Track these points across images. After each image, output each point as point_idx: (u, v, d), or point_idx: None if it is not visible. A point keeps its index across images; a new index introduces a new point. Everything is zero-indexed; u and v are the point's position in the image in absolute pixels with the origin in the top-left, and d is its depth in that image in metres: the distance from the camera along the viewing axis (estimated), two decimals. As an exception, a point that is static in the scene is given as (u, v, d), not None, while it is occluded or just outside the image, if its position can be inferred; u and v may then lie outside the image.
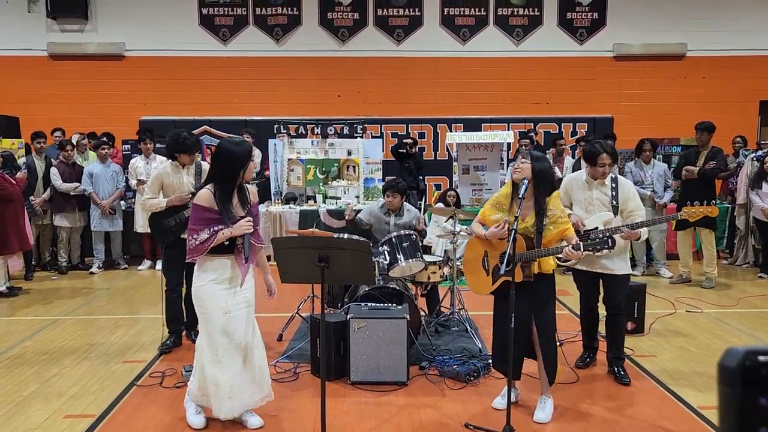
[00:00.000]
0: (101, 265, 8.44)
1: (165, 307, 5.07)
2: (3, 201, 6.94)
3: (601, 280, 4.53)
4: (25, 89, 10.99)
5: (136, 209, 8.30)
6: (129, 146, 9.18)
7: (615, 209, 4.31)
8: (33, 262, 8.18)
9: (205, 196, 3.42)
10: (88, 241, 8.57)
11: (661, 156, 9.19)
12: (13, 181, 7.18)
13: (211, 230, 3.37)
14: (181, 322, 5.19)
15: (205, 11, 11.19)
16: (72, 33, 11.10)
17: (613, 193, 4.33)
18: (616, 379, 4.43)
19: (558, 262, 4.64)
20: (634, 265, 7.78)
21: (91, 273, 8.29)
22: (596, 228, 4.25)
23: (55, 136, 9.05)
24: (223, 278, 3.46)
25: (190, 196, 4.74)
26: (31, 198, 7.91)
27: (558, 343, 5.06)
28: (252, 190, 3.66)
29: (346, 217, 5.57)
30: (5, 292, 7.03)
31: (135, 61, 11.19)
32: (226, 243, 3.43)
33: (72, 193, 8.18)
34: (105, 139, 8.94)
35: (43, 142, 8.32)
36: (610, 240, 3.64)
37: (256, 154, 9.75)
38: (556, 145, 8.70)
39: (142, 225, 7.98)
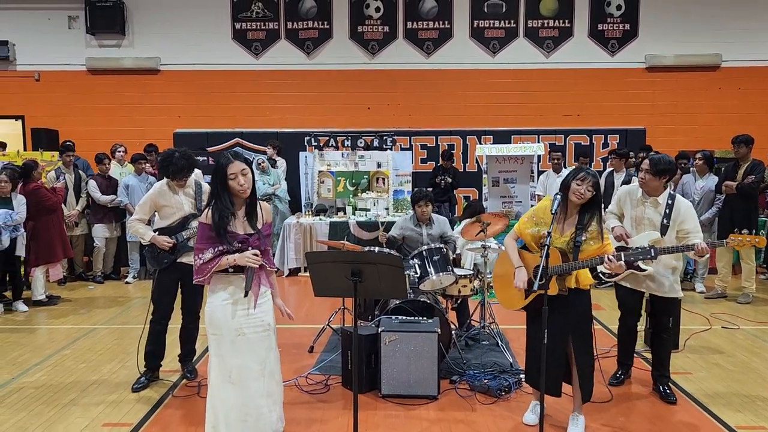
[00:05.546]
0: (136, 275, 8.61)
1: (147, 339, 4.66)
2: (47, 211, 7.19)
3: (645, 300, 4.44)
4: (64, 103, 11.32)
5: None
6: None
7: (664, 228, 4.17)
8: (65, 273, 8.40)
9: (207, 213, 3.26)
10: (124, 252, 8.76)
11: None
12: (54, 191, 7.44)
13: (215, 250, 3.21)
14: (162, 357, 4.78)
15: (238, 26, 11.40)
16: (109, 48, 11.40)
17: (667, 211, 4.19)
18: (661, 398, 4.36)
19: (601, 278, 4.59)
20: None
21: (126, 282, 8.47)
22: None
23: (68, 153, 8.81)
24: (236, 298, 3.29)
25: (173, 243, 4.51)
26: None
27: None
28: (266, 207, 3.45)
29: (380, 240, 5.63)
30: (44, 301, 7.23)
31: (170, 75, 11.44)
32: (230, 270, 3.26)
33: (109, 206, 8.39)
34: (144, 152, 9.09)
35: (72, 154, 8.53)
36: (652, 250, 3.59)
37: (279, 163, 9.89)
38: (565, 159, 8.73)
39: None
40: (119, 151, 9.11)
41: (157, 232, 4.56)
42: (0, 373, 4.95)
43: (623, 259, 3.56)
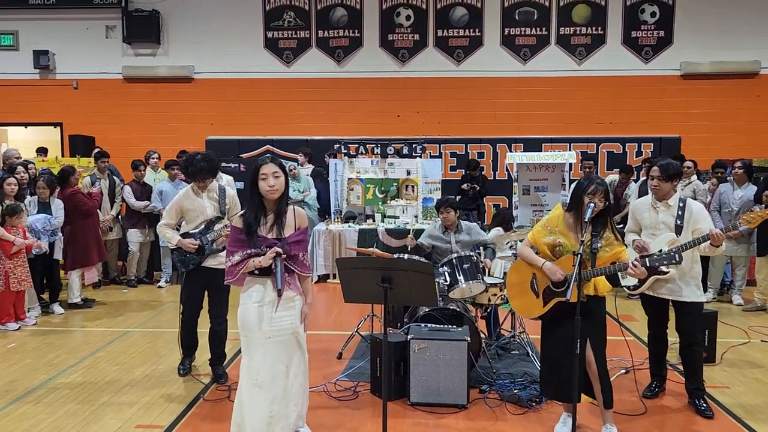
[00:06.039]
0: (168, 279, 8.74)
1: (180, 336, 4.98)
2: (83, 216, 7.35)
3: (671, 307, 4.38)
4: (101, 110, 11.59)
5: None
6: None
7: (678, 229, 4.21)
8: (100, 276, 8.57)
9: (240, 216, 3.35)
10: (157, 257, 8.90)
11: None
12: (90, 196, 7.61)
13: (244, 253, 3.26)
14: (195, 349, 5.10)
15: (270, 34, 11.55)
16: (145, 57, 11.66)
17: (679, 213, 4.24)
18: (697, 412, 4.24)
19: (627, 291, 4.54)
20: (704, 290, 7.49)
21: (159, 287, 8.61)
22: (660, 250, 4.12)
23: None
24: (267, 301, 3.33)
25: (198, 245, 4.65)
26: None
27: (624, 371, 4.95)
28: (300, 213, 3.45)
29: (409, 247, 5.61)
30: (80, 304, 7.39)
31: (203, 83, 11.64)
32: (256, 272, 3.31)
33: (143, 211, 8.54)
34: (177, 158, 9.23)
35: (106, 161, 8.70)
36: (677, 255, 3.54)
37: (301, 174, 9.94)
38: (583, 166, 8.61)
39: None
40: (153, 158, 9.28)
41: (183, 236, 4.73)
42: (37, 374, 5.06)
43: (648, 264, 3.55)
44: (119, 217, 8.86)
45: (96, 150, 9.07)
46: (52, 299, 7.30)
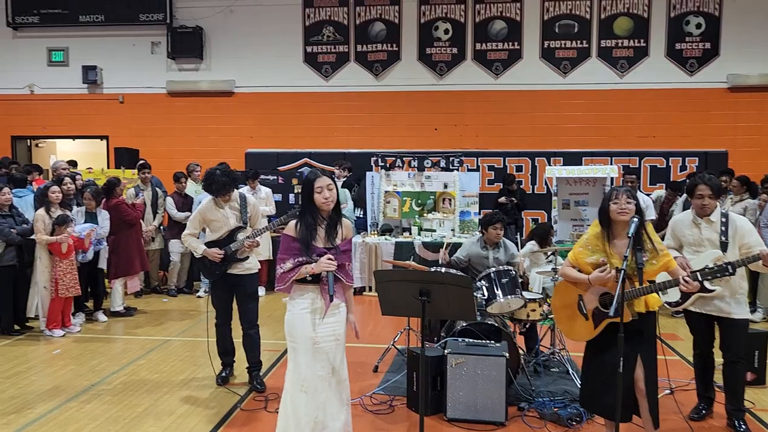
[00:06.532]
0: (207, 290, 8.86)
1: (216, 341, 5.08)
2: (127, 226, 7.54)
3: (716, 324, 4.24)
4: (146, 124, 11.90)
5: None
6: (236, 177, 9.64)
7: (724, 246, 4.08)
8: (142, 285, 8.74)
9: (292, 225, 3.45)
10: (196, 267, 9.03)
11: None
12: (134, 207, 7.80)
13: (296, 261, 3.35)
14: (233, 354, 5.17)
15: (309, 49, 11.70)
16: (188, 72, 11.94)
17: (723, 229, 4.11)
18: (736, 434, 4.09)
19: (669, 308, 4.41)
20: (753, 310, 7.23)
21: (198, 296, 8.74)
22: (706, 266, 3.98)
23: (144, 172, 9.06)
24: (314, 308, 3.39)
25: (222, 254, 4.78)
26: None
27: (669, 391, 4.79)
28: (347, 224, 3.55)
29: (441, 261, 5.56)
30: (122, 312, 7.55)
31: (243, 97, 11.84)
32: (309, 278, 3.37)
33: (184, 222, 8.69)
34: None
35: (148, 172, 8.91)
36: (730, 267, 3.43)
37: (341, 191, 9.98)
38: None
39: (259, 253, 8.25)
40: (196, 171, 9.46)
41: (207, 246, 4.87)
42: (80, 380, 5.18)
43: (700, 278, 3.44)
44: (161, 227, 9.05)
45: (139, 162, 9.30)
46: (96, 307, 7.48)
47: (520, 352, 5.06)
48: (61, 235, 6.49)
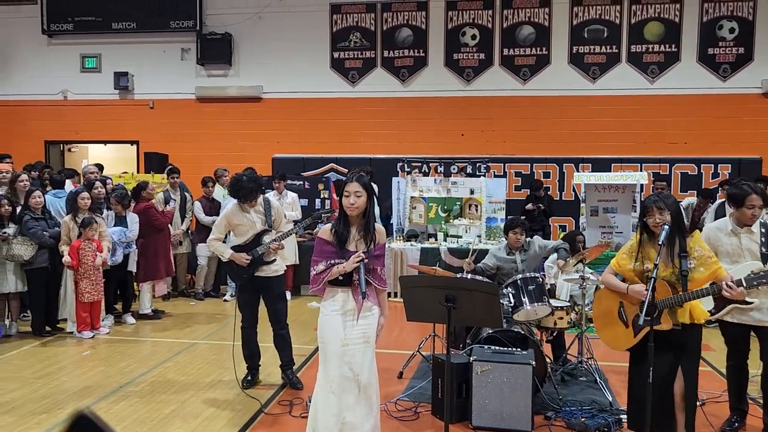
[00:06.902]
0: (233, 293, 8.93)
1: (242, 344, 5.10)
2: (155, 230, 7.64)
3: (753, 335, 4.13)
4: (175, 129, 12.07)
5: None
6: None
7: (765, 257, 3.96)
8: (170, 288, 8.85)
9: (326, 229, 3.52)
10: (223, 271, 9.12)
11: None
12: (162, 212, 7.90)
13: (328, 263, 3.42)
14: (258, 357, 5.20)
15: (336, 55, 11.77)
16: (217, 78, 12.09)
17: (763, 239, 4.00)
18: (773, 449, 3.97)
19: (709, 314, 4.30)
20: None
21: (225, 300, 8.81)
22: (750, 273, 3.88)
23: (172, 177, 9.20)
24: (346, 310, 3.45)
25: (250, 260, 4.82)
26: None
27: (700, 403, 4.67)
28: (380, 229, 3.57)
29: (466, 270, 5.52)
30: (150, 315, 7.65)
31: (271, 102, 11.95)
32: (341, 278, 3.42)
33: (212, 226, 8.78)
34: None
35: (177, 177, 9.02)
36: None
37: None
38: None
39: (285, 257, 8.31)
40: (225, 176, 9.56)
41: (233, 250, 4.91)
42: (109, 382, 5.25)
43: (744, 284, 3.33)
44: (189, 231, 9.16)
45: (168, 167, 9.44)
46: (125, 309, 7.59)
47: (547, 360, 4.99)
48: (65, 257, 6.56)
